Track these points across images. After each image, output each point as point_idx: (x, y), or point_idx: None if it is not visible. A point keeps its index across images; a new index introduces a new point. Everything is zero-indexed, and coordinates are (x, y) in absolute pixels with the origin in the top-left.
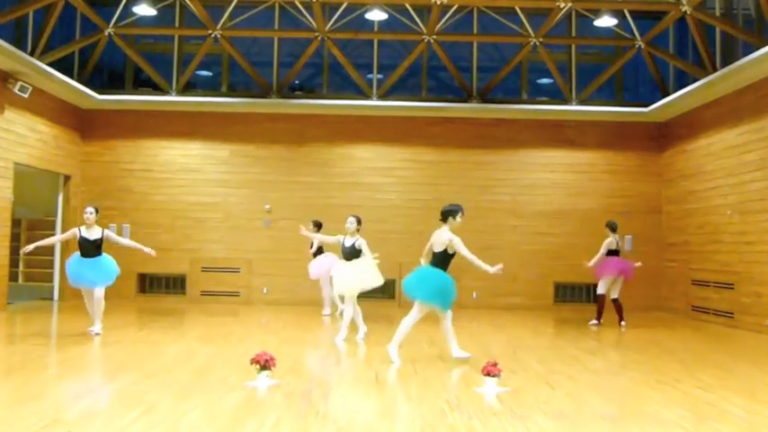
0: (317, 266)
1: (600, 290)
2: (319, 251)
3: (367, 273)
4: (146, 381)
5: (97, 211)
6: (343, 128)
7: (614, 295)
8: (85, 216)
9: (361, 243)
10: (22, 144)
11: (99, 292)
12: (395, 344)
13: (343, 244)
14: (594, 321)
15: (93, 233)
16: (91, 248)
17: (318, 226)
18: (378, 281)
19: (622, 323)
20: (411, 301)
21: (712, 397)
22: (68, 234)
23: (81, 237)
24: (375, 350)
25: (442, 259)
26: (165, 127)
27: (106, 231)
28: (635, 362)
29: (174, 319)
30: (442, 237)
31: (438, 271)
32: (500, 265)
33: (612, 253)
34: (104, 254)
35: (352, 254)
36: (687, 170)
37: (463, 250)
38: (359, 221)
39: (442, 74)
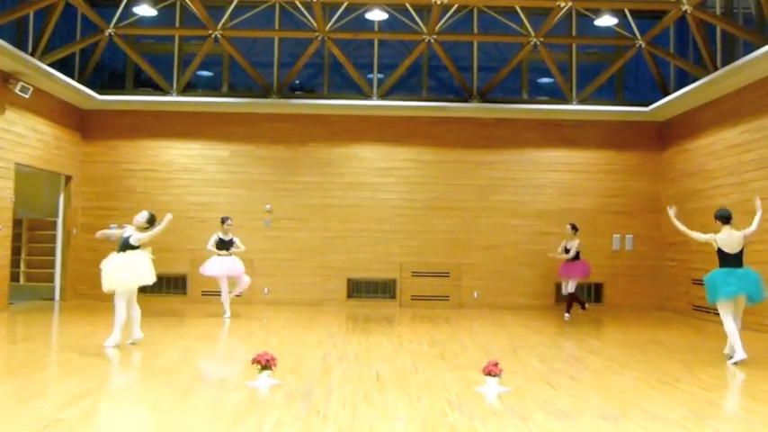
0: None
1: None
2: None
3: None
4: (146, 381)
5: None
6: (343, 128)
7: (569, 290)
8: None
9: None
10: (22, 144)
11: None
12: (738, 347)
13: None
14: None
15: None
16: None
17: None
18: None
19: (567, 315)
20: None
21: (713, 396)
22: None
23: None
24: (375, 350)
25: (741, 258)
26: (166, 127)
27: None
28: (636, 361)
29: (174, 319)
30: (737, 237)
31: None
32: None
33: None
34: None
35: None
36: (688, 169)
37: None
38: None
39: (443, 74)
